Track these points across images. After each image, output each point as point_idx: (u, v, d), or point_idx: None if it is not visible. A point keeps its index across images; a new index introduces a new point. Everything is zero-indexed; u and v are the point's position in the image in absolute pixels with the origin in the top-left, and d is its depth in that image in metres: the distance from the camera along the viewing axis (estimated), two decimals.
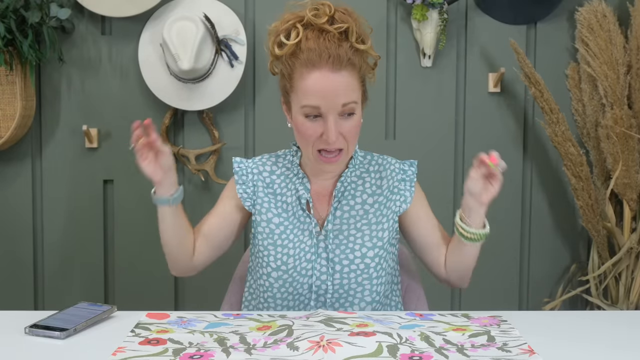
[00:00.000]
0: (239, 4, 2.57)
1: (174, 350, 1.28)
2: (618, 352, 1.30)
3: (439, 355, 1.27)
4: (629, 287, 2.51)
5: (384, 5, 2.58)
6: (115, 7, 2.48)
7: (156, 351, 1.28)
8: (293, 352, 1.27)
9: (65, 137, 2.60)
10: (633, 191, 2.46)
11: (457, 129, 2.64)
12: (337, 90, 1.47)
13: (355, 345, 1.28)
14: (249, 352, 1.27)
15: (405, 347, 1.29)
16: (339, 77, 1.48)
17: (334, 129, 1.48)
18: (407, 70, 2.61)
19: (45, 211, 2.63)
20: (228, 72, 2.51)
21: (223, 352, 1.27)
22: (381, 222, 1.63)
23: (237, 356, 1.25)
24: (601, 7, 2.47)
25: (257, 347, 1.29)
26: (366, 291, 1.60)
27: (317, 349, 1.27)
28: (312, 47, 1.48)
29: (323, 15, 1.49)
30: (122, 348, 1.29)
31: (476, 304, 2.64)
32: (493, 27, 2.60)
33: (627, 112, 2.42)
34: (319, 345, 1.28)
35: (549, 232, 2.68)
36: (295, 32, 1.50)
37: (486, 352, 1.28)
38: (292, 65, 1.51)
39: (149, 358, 1.25)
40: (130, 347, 1.30)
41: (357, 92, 1.51)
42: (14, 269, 2.64)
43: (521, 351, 1.28)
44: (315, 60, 1.47)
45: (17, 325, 1.38)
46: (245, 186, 1.65)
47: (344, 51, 1.48)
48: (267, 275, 1.61)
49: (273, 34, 1.54)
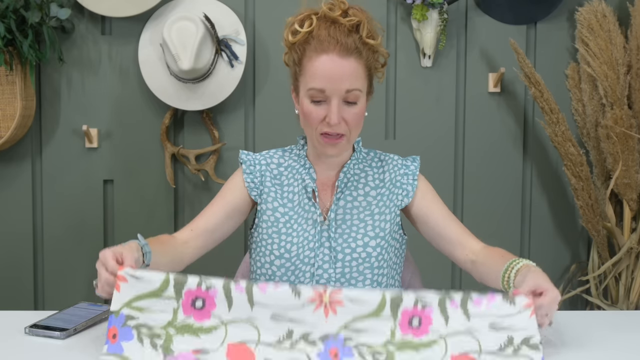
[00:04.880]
0: (239, 4, 2.57)
1: (175, 285, 1.29)
2: (618, 352, 1.30)
3: (440, 311, 1.27)
4: (629, 287, 2.51)
5: (384, 5, 2.58)
6: (115, 7, 2.48)
7: (159, 280, 1.28)
8: (295, 296, 1.28)
9: (65, 137, 2.60)
10: (633, 191, 2.46)
11: (457, 128, 2.64)
12: (343, 75, 1.53)
13: (357, 302, 1.28)
14: (249, 291, 1.28)
15: (409, 299, 1.29)
16: (345, 63, 1.53)
17: (336, 111, 1.54)
18: (407, 70, 2.61)
19: (45, 211, 2.63)
20: (228, 72, 2.51)
21: (224, 290, 1.28)
22: (384, 214, 1.66)
23: (238, 295, 1.27)
24: (601, 7, 2.47)
25: (258, 284, 1.29)
26: (367, 280, 1.63)
27: (319, 306, 1.28)
28: (323, 34, 1.55)
29: (337, 9, 1.57)
30: (121, 278, 1.29)
31: None
32: (493, 27, 2.60)
33: (627, 112, 2.42)
34: (321, 301, 1.28)
35: (549, 232, 2.68)
36: (309, 22, 1.58)
37: (490, 305, 1.28)
38: (302, 51, 1.58)
39: (150, 299, 1.27)
40: (131, 273, 1.29)
41: (362, 82, 1.57)
42: (14, 269, 2.64)
43: (524, 307, 1.28)
44: (324, 45, 1.54)
45: (17, 325, 1.38)
46: (252, 176, 1.69)
47: (353, 41, 1.54)
48: (270, 263, 1.64)
49: (289, 24, 1.61)
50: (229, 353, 1.28)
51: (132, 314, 1.28)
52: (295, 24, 1.58)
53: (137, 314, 1.28)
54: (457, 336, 1.28)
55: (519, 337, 1.28)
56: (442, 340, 1.28)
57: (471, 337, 1.28)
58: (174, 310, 1.29)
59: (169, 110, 2.58)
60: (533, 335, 1.27)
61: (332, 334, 1.27)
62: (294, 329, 1.29)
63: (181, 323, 1.29)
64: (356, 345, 1.28)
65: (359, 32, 1.56)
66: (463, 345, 1.28)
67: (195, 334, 1.29)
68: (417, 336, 1.28)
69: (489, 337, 1.28)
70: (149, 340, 1.28)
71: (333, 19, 1.56)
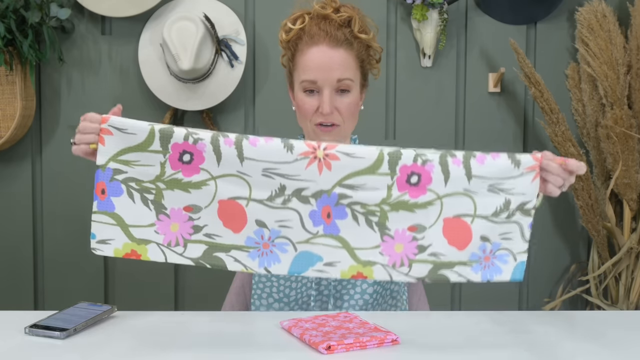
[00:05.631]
0: (239, 4, 2.57)
1: (161, 137, 1.26)
2: (618, 352, 1.30)
3: (441, 170, 1.26)
4: (629, 287, 2.51)
5: (384, 5, 2.58)
6: (115, 7, 2.48)
7: (144, 132, 1.26)
8: (287, 151, 1.26)
9: (65, 137, 2.60)
10: (633, 191, 2.46)
11: (457, 129, 2.64)
12: (333, 65, 1.56)
13: (353, 156, 1.26)
14: (239, 145, 1.25)
15: (408, 155, 1.27)
16: (336, 53, 1.57)
17: (328, 101, 1.56)
18: (407, 70, 2.61)
19: (45, 211, 2.63)
20: (228, 72, 2.51)
21: (212, 145, 1.25)
22: None
23: (227, 150, 1.25)
24: (601, 7, 2.47)
25: (249, 138, 1.27)
26: None
27: (313, 161, 1.25)
28: (314, 29, 1.59)
29: (329, 7, 1.61)
30: (105, 131, 1.28)
31: (476, 303, 2.64)
32: (493, 27, 2.60)
33: (627, 112, 2.42)
34: (315, 157, 1.26)
35: (549, 232, 2.68)
36: (301, 19, 1.61)
37: (493, 163, 1.26)
38: (295, 47, 1.61)
39: (136, 153, 1.26)
40: (115, 122, 1.28)
41: (354, 72, 1.59)
42: (14, 269, 2.64)
43: (527, 169, 1.26)
44: (315, 39, 1.58)
45: (17, 325, 1.37)
46: None
47: (343, 33, 1.58)
48: None
49: (283, 25, 1.65)
50: (220, 211, 1.27)
51: (119, 168, 1.27)
52: (288, 23, 1.63)
53: (125, 167, 1.27)
54: (454, 197, 1.26)
55: (516, 202, 1.27)
56: (439, 201, 1.26)
57: (468, 198, 1.26)
58: (161, 164, 1.26)
59: (169, 110, 2.58)
60: (530, 200, 1.27)
61: (326, 191, 1.25)
62: (286, 185, 1.26)
63: (169, 177, 1.27)
64: (350, 204, 1.25)
65: (350, 27, 1.59)
66: (458, 207, 1.26)
67: (185, 189, 1.26)
68: (413, 197, 1.26)
69: (486, 200, 1.26)
70: (140, 196, 1.27)
71: (324, 15, 1.60)
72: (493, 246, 1.30)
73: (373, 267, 1.27)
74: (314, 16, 1.61)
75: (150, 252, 1.30)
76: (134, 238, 1.30)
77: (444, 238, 1.28)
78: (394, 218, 1.26)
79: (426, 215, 1.26)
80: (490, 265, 1.30)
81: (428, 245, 1.27)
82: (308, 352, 1.25)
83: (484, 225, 1.28)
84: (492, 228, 1.28)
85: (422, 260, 1.27)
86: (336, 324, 1.36)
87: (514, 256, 1.31)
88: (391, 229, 1.27)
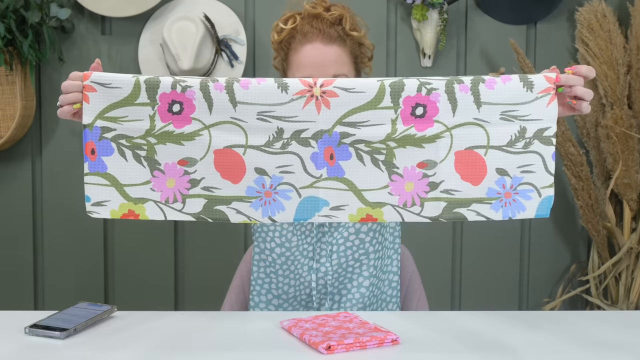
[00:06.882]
0: (239, 4, 2.57)
1: (148, 88, 1.20)
2: (618, 352, 1.30)
3: (447, 98, 1.19)
4: (629, 287, 2.51)
5: (384, 5, 2.58)
6: (115, 7, 2.48)
7: (130, 85, 1.20)
8: (281, 91, 1.19)
9: (65, 137, 2.60)
10: (633, 191, 2.46)
11: None
12: (327, 61, 1.58)
13: (352, 91, 1.19)
14: (230, 89, 1.19)
15: (412, 85, 1.19)
16: (329, 50, 1.58)
17: None
18: (407, 71, 2.61)
19: (45, 211, 2.63)
20: (228, 72, 2.51)
21: (201, 91, 1.20)
22: None
23: (218, 95, 1.19)
24: (601, 7, 2.47)
25: (240, 81, 1.21)
26: (364, 266, 1.64)
27: (309, 100, 1.19)
28: (307, 27, 1.60)
29: (319, 7, 1.63)
30: (89, 88, 1.20)
31: (476, 304, 2.64)
32: (493, 27, 2.60)
33: (627, 112, 2.42)
34: (312, 95, 1.19)
35: (549, 232, 2.67)
36: (293, 19, 1.63)
37: (504, 88, 1.20)
38: (288, 47, 1.63)
39: (123, 108, 1.20)
40: (98, 78, 1.21)
41: (349, 68, 1.61)
42: (14, 269, 2.64)
43: (542, 92, 1.19)
44: (308, 37, 1.60)
45: (17, 325, 1.37)
46: None
47: (335, 31, 1.60)
48: (270, 250, 1.65)
49: (274, 27, 1.67)
50: (216, 162, 1.22)
51: (107, 125, 1.22)
52: (280, 24, 1.64)
53: (113, 124, 1.21)
54: (464, 128, 1.20)
55: (533, 129, 1.19)
56: (448, 133, 1.19)
57: (480, 128, 1.20)
58: (150, 117, 1.21)
59: None
60: (549, 127, 1.19)
61: (326, 131, 1.19)
62: (283, 127, 1.20)
63: (160, 131, 1.21)
64: (353, 143, 1.19)
65: (341, 24, 1.61)
66: (469, 139, 1.19)
67: (178, 142, 1.21)
68: (420, 130, 1.19)
69: (499, 129, 1.20)
70: (132, 154, 1.22)
71: (316, 14, 1.61)
72: (513, 181, 1.22)
73: (383, 208, 1.21)
74: (305, 16, 1.62)
75: (149, 210, 1.25)
76: (130, 198, 1.25)
77: (456, 173, 1.21)
78: (402, 155, 1.20)
79: (436, 150, 1.19)
80: (512, 201, 1.22)
81: (440, 182, 1.21)
82: (308, 352, 1.25)
83: (499, 157, 1.20)
84: (509, 159, 1.20)
85: (435, 198, 1.21)
86: (336, 324, 1.36)
87: (538, 191, 1.23)
88: (399, 167, 1.20)
